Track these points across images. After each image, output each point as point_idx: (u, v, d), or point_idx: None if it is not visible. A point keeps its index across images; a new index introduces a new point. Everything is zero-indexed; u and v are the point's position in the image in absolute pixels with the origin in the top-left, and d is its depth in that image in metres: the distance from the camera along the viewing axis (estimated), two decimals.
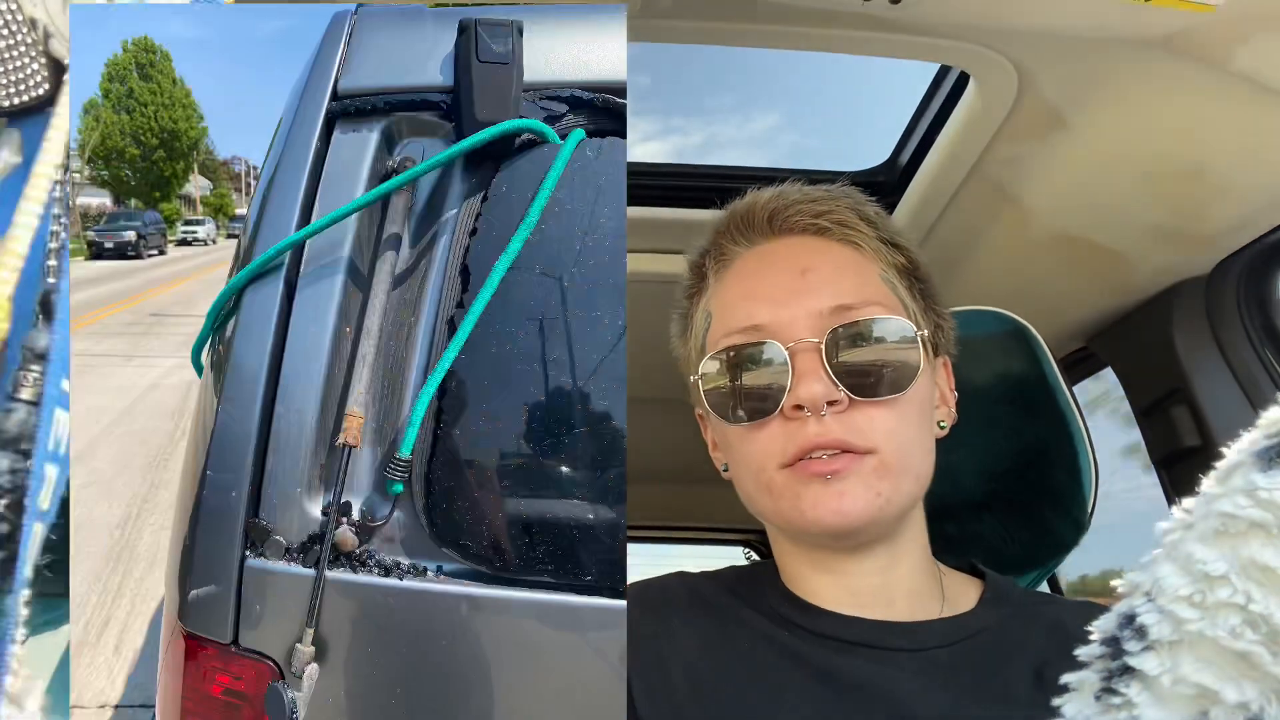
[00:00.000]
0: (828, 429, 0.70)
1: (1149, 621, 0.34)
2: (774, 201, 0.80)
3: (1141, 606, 0.35)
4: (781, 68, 2.71)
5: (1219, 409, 1.15)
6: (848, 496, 0.70)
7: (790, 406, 0.71)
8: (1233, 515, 0.33)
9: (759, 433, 0.73)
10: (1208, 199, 1.04)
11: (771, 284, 0.76)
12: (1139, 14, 0.78)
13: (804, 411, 0.71)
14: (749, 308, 0.76)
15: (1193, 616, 0.33)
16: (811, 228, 0.78)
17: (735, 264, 0.80)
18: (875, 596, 0.76)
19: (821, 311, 0.73)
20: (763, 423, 0.73)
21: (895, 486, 0.71)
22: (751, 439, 0.74)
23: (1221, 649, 0.32)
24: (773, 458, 0.72)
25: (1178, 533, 0.35)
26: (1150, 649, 0.34)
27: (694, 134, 5.61)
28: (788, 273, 0.76)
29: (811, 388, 0.70)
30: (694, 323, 0.83)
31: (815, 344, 0.71)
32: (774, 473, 0.73)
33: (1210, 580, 0.33)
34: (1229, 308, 1.17)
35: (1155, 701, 0.33)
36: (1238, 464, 0.34)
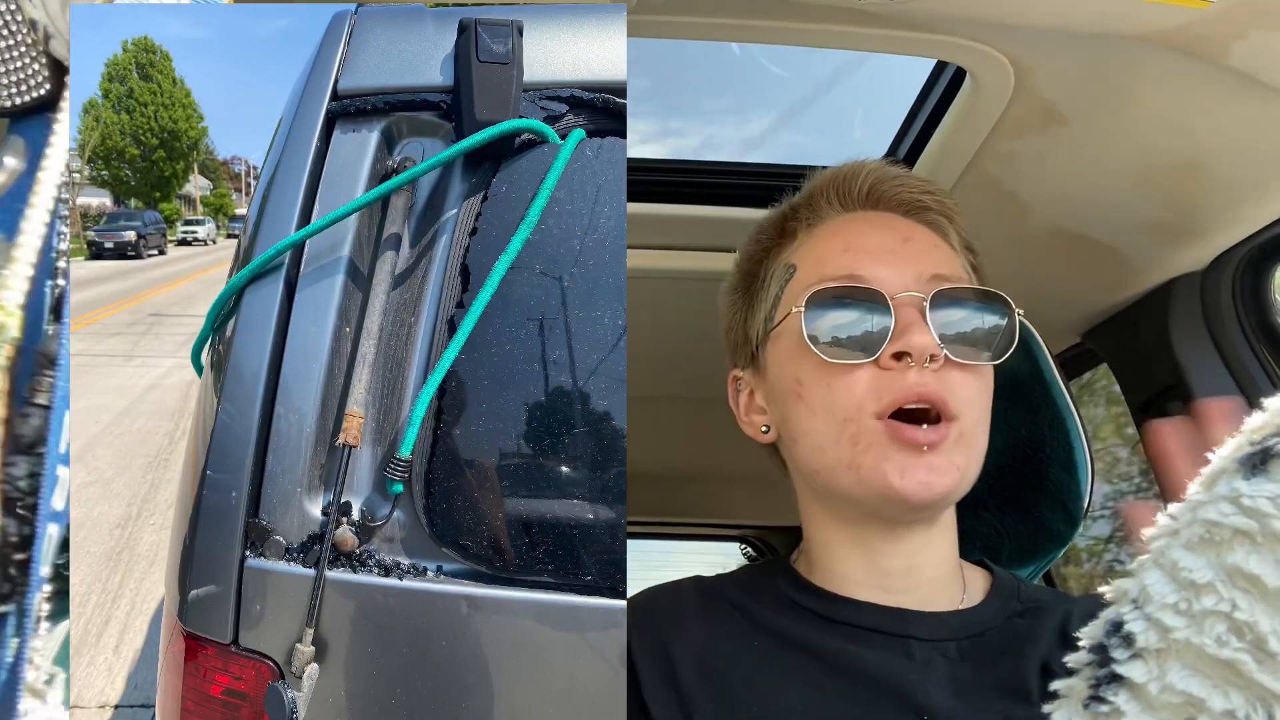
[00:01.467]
0: (926, 380, 0.69)
1: (1136, 629, 0.34)
2: (877, 172, 0.79)
3: (1129, 614, 0.35)
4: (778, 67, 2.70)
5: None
6: (936, 471, 0.69)
7: (890, 355, 0.70)
8: (1217, 523, 0.33)
9: (848, 377, 0.71)
10: (1203, 195, 1.04)
11: (874, 242, 0.75)
12: (1135, 10, 0.79)
13: (905, 361, 0.69)
14: (849, 259, 0.75)
15: (1179, 624, 0.33)
16: (909, 204, 0.78)
17: (830, 222, 0.79)
18: (902, 579, 0.75)
19: (921, 276, 0.73)
20: (855, 366, 0.71)
21: (968, 461, 0.71)
22: (840, 383, 0.71)
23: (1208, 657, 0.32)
24: (867, 404, 0.70)
25: (1164, 539, 0.35)
26: (1138, 657, 0.34)
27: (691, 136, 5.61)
28: (889, 237, 0.76)
29: (920, 337, 0.69)
30: (770, 274, 0.81)
31: (919, 298, 0.71)
32: (867, 420, 0.70)
33: (1196, 588, 0.33)
34: (1225, 303, 1.17)
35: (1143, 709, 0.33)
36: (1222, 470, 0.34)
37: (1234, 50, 0.81)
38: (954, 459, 0.69)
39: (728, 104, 4.13)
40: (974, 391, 0.71)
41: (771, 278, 0.81)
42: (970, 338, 0.72)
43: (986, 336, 0.73)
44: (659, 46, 0.96)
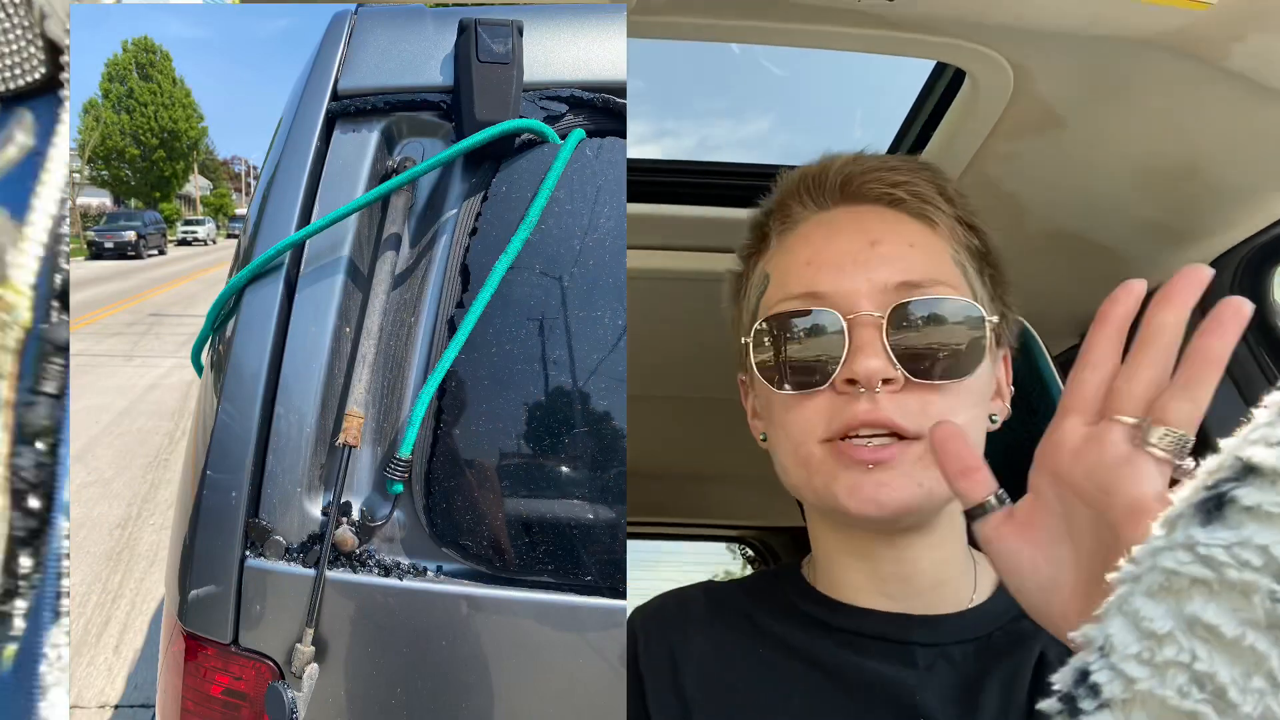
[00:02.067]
0: (879, 407, 0.67)
1: (1102, 680, 0.34)
2: (849, 166, 0.76)
3: (1095, 663, 0.35)
4: (775, 68, 2.69)
5: (1214, 406, 1.15)
6: (886, 488, 0.67)
7: (843, 380, 0.68)
8: (1175, 571, 0.33)
9: (805, 404, 0.70)
10: (1202, 196, 1.04)
11: (837, 251, 0.72)
12: (1134, 12, 0.79)
13: (856, 387, 0.68)
14: (810, 274, 0.72)
15: (1142, 675, 0.33)
16: (886, 198, 0.74)
17: (800, 227, 0.77)
18: (903, 585, 0.74)
19: (886, 286, 0.70)
20: (811, 394, 0.70)
21: (938, 478, 0.68)
22: (796, 409, 0.71)
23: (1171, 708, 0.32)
24: (814, 431, 0.70)
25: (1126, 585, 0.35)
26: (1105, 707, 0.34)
27: (687, 136, 5.57)
28: (855, 242, 0.72)
29: (868, 362, 0.67)
30: (750, 283, 0.80)
31: (876, 318, 0.68)
32: (813, 446, 0.70)
33: (1157, 638, 0.33)
34: None
35: None
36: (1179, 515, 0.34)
37: (1233, 52, 0.81)
38: (914, 475, 0.67)
39: (724, 105, 4.15)
40: (943, 410, 0.68)
41: (751, 286, 0.80)
42: (937, 353, 0.68)
43: (954, 350, 0.69)
44: (654, 48, 0.96)
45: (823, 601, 0.77)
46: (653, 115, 11.19)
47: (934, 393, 0.68)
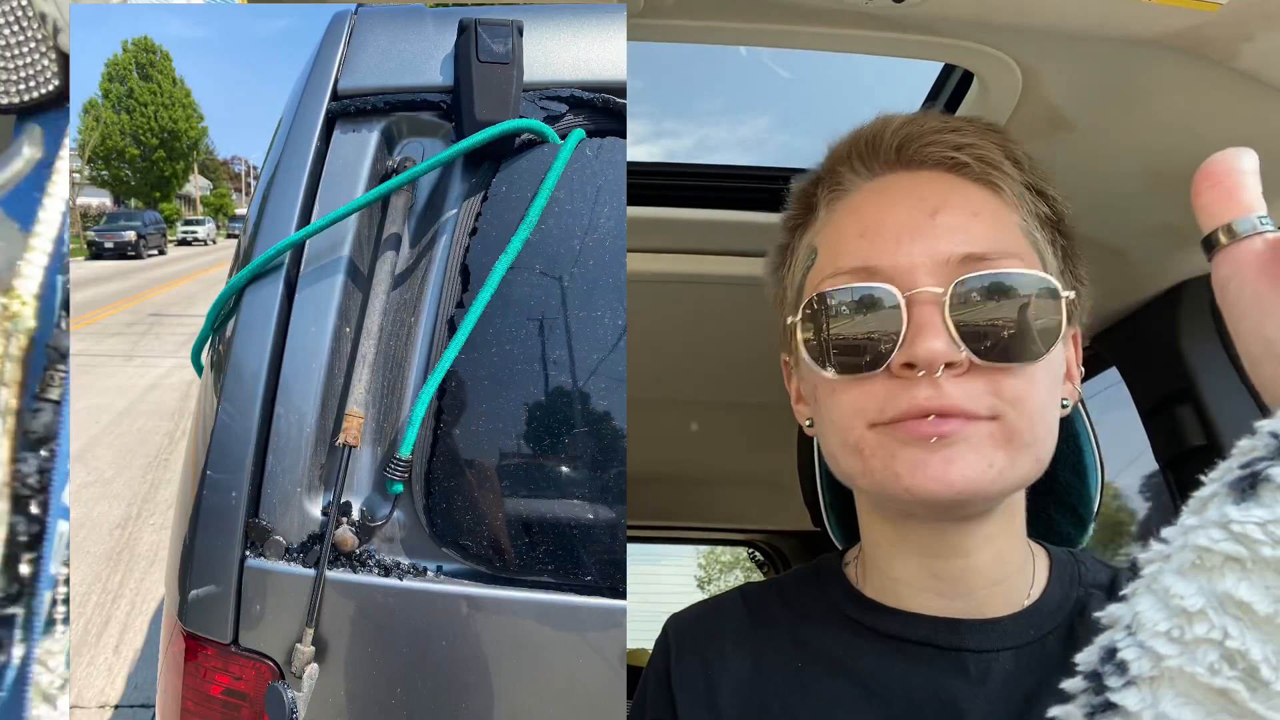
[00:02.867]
0: (942, 393, 0.61)
1: (1129, 657, 0.34)
2: (907, 128, 0.69)
3: (1122, 640, 0.34)
4: (781, 71, 2.70)
5: (1224, 408, 1.15)
6: (955, 465, 0.60)
7: (900, 364, 0.62)
8: (1208, 549, 0.33)
9: (856, 388, 0.64)
10: None
11: (894, 222, 0.65)
12: (1143, 12, 0.78)
13: (914, 371, 0.61)
14: (863, 247, 0.66)
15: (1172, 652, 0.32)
16: (947, 162, 0.67)
17: (852, 196, 0.70)
18: (958, 584, 0.68)
19: (949, 259, 0.63)
20: (864, 377, 0.64)
21: (1012, 460, 0.62)
22: (845, 393, 0.65)
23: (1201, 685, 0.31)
24: (864, 414, 0.64)
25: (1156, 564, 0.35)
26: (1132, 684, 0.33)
27: (685, 137, 5.52)
28: (914, 212, 0.65)
29: (930, 344, 0.60)
30: (795, 258, 0.74)
31: (938, 295, 0.62)
32: (863, 431, 0.64)
33: (1188, 615, 0.32)
34: None
35: None
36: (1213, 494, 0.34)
37: (1242, 52, 0.81)
38: (985, 454, 0.61)
39: (722, 105, 4.14)
40: (1018, 390, 0.62)
41: (796, 261, 0.74)
42: (1006, 332, 0.62)
43: (1025, 328, 0.62)
44: (653, 48, 0.96)
45: (868, 605, 0.72)
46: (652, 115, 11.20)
47: (1005, 374, 0.62)
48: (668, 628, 0.81)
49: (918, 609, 0.70)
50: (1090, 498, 0.88)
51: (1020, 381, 0.62)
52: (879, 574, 0.73)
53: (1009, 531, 0.69)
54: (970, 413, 0.61)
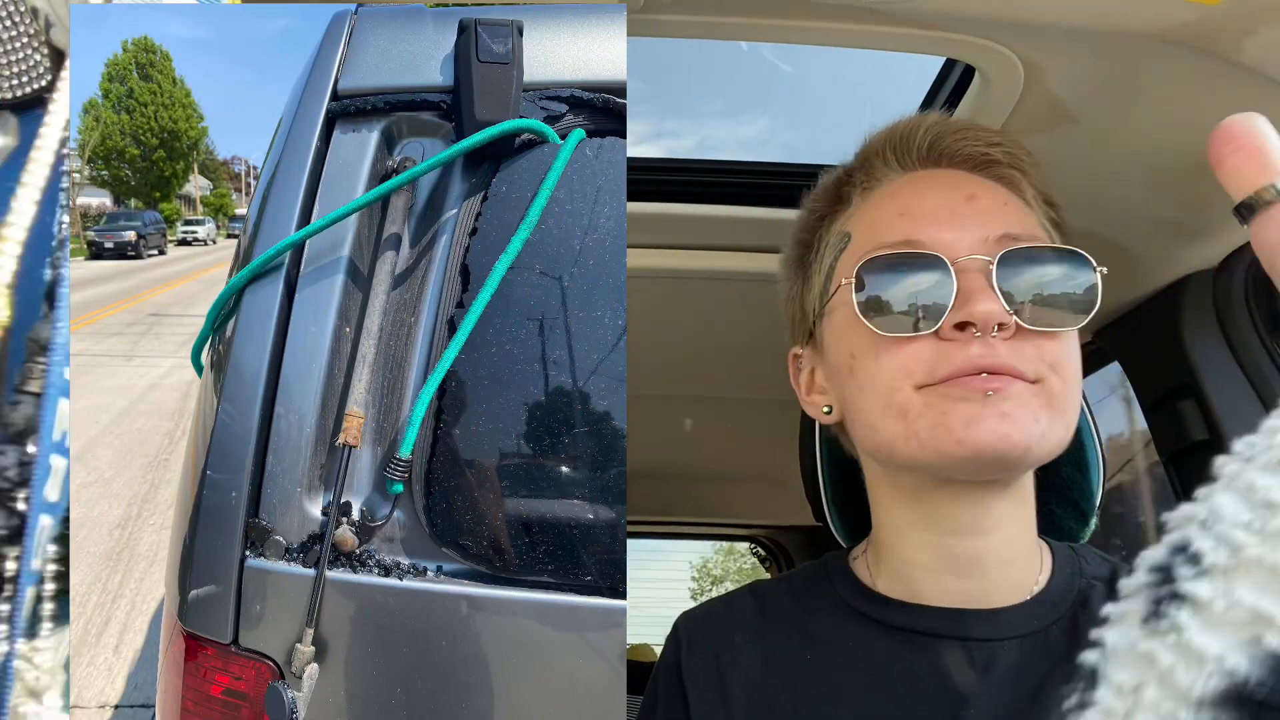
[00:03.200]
0: (994, 351, 0.63)
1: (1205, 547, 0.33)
2: (939, 125, 0.73)
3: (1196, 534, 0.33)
4: (784, 65, 2.68)
5: (1227, 403, 1.15)
6: (1011, 419, 0.61)
7: (951, 325, 0.64)
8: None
9: (901, 349, 0.65)
10: (1215, 192, 1.03)
11: (934, 204, 0.69)
12: (1145, 6, 0.78)
13: (966, 332, 0.63)
14: (906, 224, 0.68)
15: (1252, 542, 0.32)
16: (977, 158, 0.71)
17: (886, 185, 0.73)
18: (973, 563, 0.69)
19: (987, 238, 0.66)
20: (911, 338, 0.65)
21: (1053, 423, 0.63)
22: (892, 357, 0.66)
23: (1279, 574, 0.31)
24: (912, 376, 0.64)
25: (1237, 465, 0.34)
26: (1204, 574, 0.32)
27: (686, 137, 5.54)
28: (951, 197, 0.69)
29: (985, 305, 0.62)
30: (824, 244, 0.76)
31: (985, 262, 0.64)
32: (909, 393, 0.65)
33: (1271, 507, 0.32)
34: (1237, 301, 1.16)
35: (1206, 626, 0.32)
36: None
37: (1245, 46, 0.80)
38: (1033, 410, 0.62)
39: (722, 106, 4.14)
40: (1059, 355, 0.64)
41: (826, 248, 0.75)
42: (1047, 300, 0.65)
43: (1066, 297, 0.66)
44: (655, 49, 0.96)
45: (876, 599, 0.73)
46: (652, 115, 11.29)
47: (1048, 339, 0.64)
48: (678, 624, 0.82)
49: (931, 596, 0.71)
50: (1092, 492, 0.88)
51: (1061, 347, 0.65)
52: (894, 559, 0.74)
53: (1020, 515, 0.71)
54: (1020, 372, 0.63)
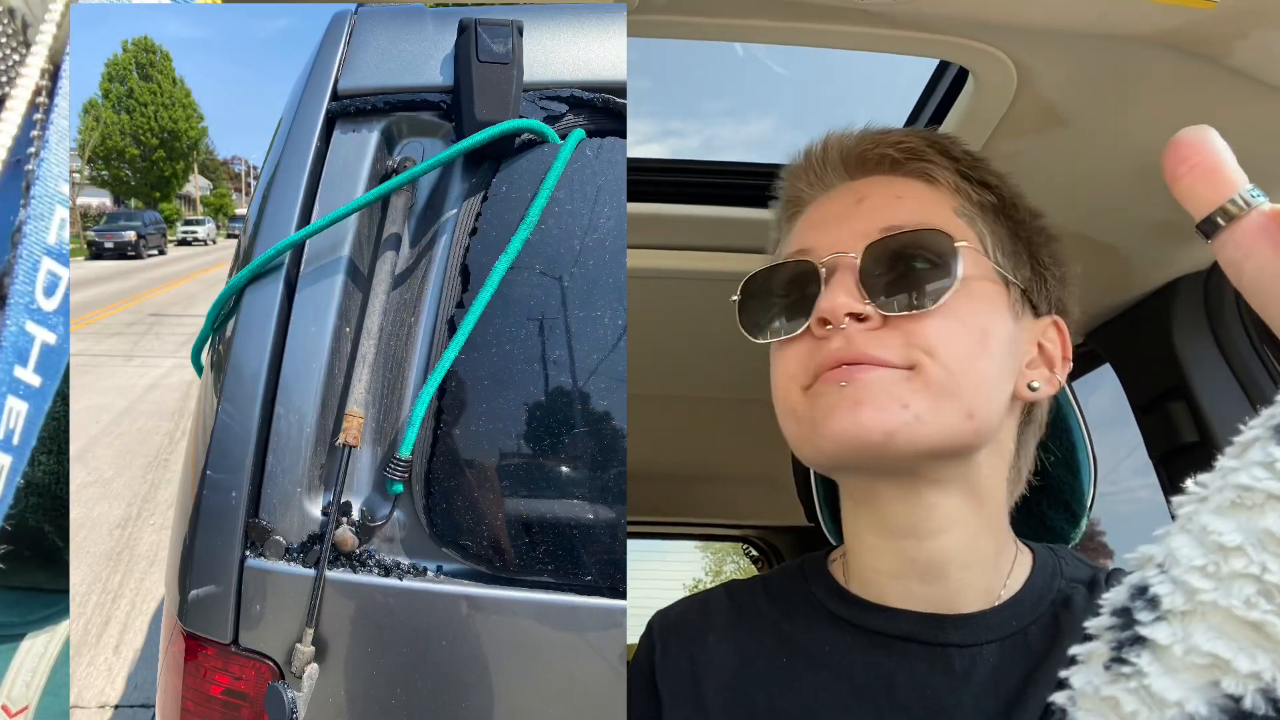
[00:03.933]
0: (852, 344, 0.64)
1: (1162, 592, 0.33)
2: (845, 139, 0.75)
3: (1154, 577, 0.34)
4: (777, 67, 2.70)
5: (1217, 405, 1.16)
6: (865, 405, 0.62)
7: (816, 321, 0.67)
8: (1249, 487, 0.32)
9: (788, 354, 0.69)
10: None
11: (828, 211, 0.73)
12: (1138, 9, 0.78)
13: (829, 328, 0.66)
14: (801, 237, 0.73)
15: (1206, 586, 0.32)
16: (883, 159, 0.73)
17: (808, 209, 0.77)
18: (931, 567, 0.69)
19: (868, 233, 0.68)
20: (791, 341, 0.69)
21: (934, 409, 0.63)
22: (780, 361, 0.70)
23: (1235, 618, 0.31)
24: (796, 379, 0.68)
25: (1192, 505, 0.35)
26: (1162, 619, 0.33)
27: (691, 137, 5.55)
28: (843, 202, 0.73)
29: (834, 298, 0.65)
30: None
31: (850, 258, 0.67)
32: (797, 397, 0.68)
33: (1225, 551, 0.32)
34: (1228, 303, 1.17)
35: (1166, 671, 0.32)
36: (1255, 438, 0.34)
37: (1237, 50, 0.81)
38: (897, 395, 0.63)
39: (727, 105, 4.16)
40: (933, 339, 0.64)
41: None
42: (905, 283, 0.66)
43: (924, 276, 0.66)
44: (662, 48, 0.96)
45: (852, 601, 0.73)
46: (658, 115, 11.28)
47: (918, 323, 0.65)
48: (652, 623, 0.82)
49: (898, 601, 0.71)
50: (1083, 493, 0.88)
51: (933, 330, 0.65)
52: (860, 565, 0.74)
53: (977, 516, 0.70)
54: (881, 360, 0.64)
